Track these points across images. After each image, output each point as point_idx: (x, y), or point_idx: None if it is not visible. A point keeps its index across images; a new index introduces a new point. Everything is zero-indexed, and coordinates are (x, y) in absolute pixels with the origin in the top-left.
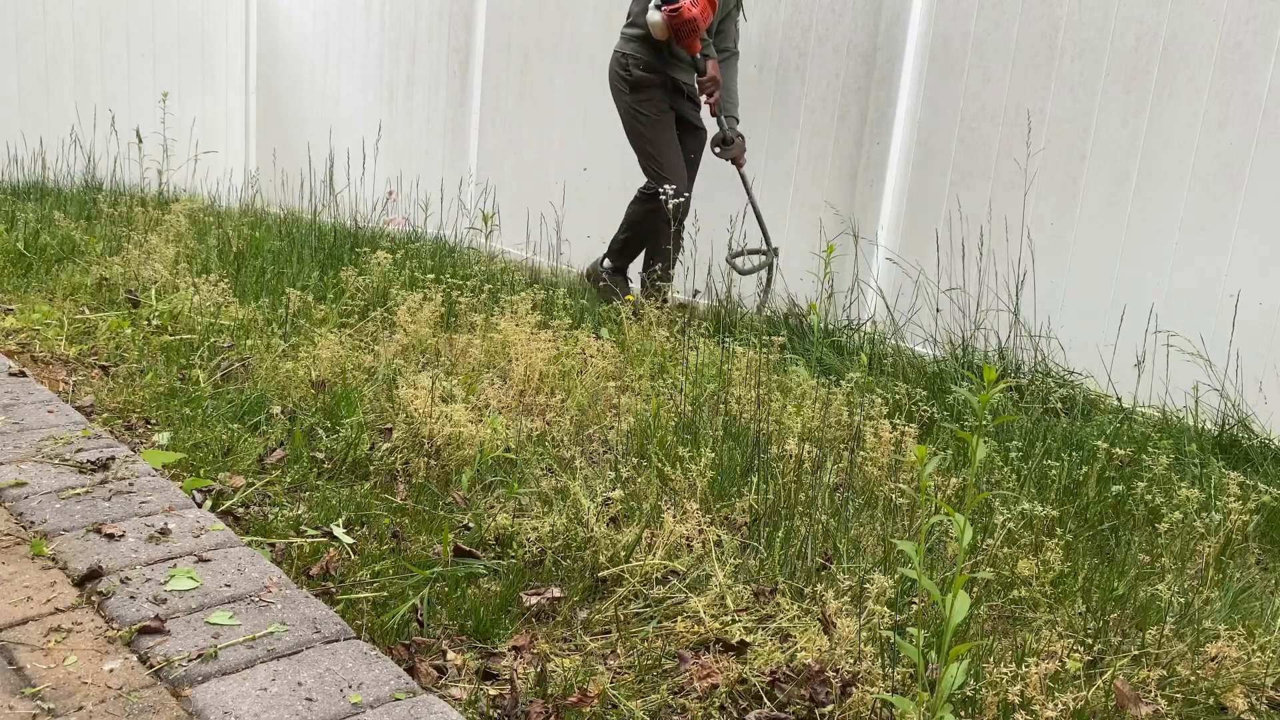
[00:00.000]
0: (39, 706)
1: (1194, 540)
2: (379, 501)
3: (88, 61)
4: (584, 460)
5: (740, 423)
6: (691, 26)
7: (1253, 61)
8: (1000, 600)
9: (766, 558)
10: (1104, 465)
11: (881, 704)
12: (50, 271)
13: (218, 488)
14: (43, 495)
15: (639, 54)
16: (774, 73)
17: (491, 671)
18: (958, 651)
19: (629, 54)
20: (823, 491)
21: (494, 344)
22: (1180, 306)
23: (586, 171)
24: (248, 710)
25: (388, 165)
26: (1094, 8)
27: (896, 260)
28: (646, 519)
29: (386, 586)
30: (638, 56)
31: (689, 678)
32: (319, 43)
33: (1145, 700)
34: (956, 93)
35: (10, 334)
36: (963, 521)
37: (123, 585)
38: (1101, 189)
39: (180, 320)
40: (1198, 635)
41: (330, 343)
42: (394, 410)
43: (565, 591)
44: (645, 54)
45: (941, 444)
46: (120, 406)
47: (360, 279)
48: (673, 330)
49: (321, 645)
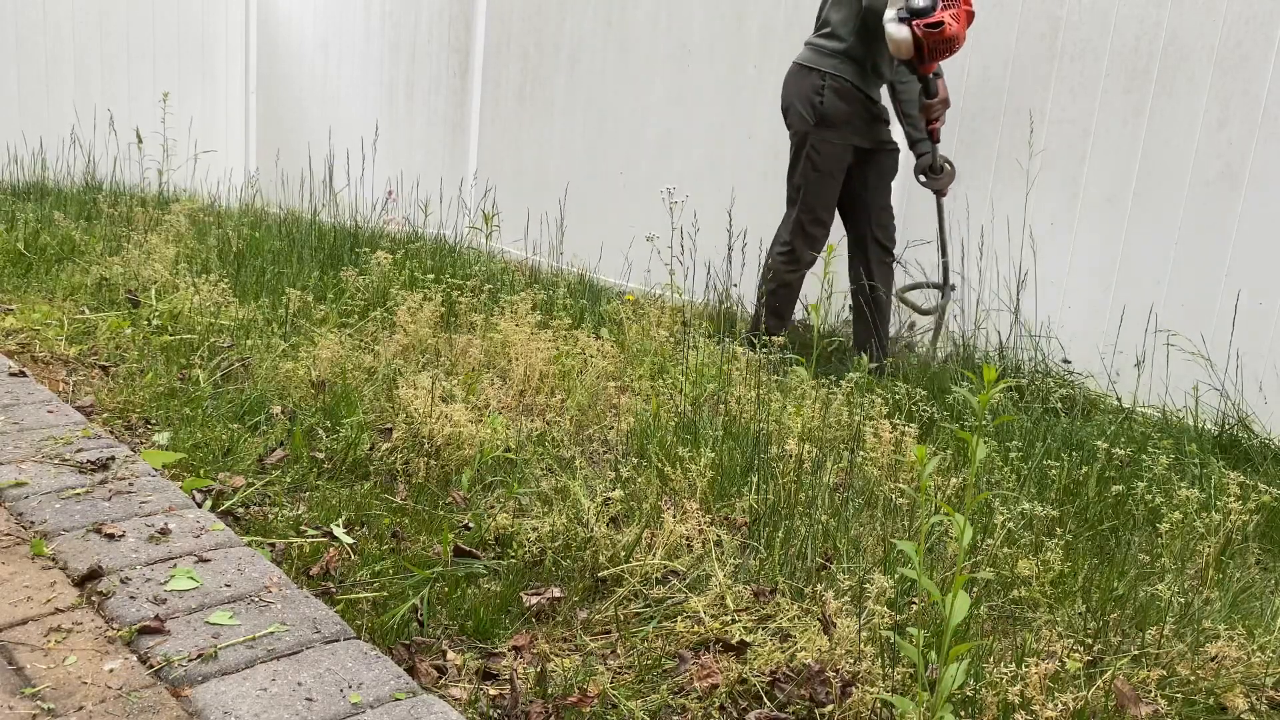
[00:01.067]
0: (39, 706)
1: (1194, 540)
2: (379, 501)
3: (88, 61)
4: (584, 460)
5: (740, 423)
6: (950, 47)
7: (1253, 61)
8: (1000, 600)
9: (766, 558)
10: (1104, 465)
11: (881, 704)
12: (50, 271)
13: (218, 488)
14: (43, 495)
15: (840, 74)
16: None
17: (491, 671)
18: (958, 651)
19: (827, 74)
20: (823, 491)
21: (494, 344)
22: (1180, 306)
23: (585, 173)
24: (248, 710)
25: (388, 165)
26: (1094, 8)
27: (900, 262)
28: (646, 519)
29: (386, 586)
30: (838, 78)
31: (689, 678)
32: (319, 43)
33: (1145, 700)
34: (956, 92)
35: (10, 334)
36: (963, 521)
37: (123, 585)
38: (1102, 189)
39: (180, 320)
40: (1198, 635)
41: (330, 343)
42: (394, 410)
43: (565, 591)
44: (848, 74)
45: (941, 444)
46: (120, 406)
47: (360, 279)
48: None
49: (321, 645)
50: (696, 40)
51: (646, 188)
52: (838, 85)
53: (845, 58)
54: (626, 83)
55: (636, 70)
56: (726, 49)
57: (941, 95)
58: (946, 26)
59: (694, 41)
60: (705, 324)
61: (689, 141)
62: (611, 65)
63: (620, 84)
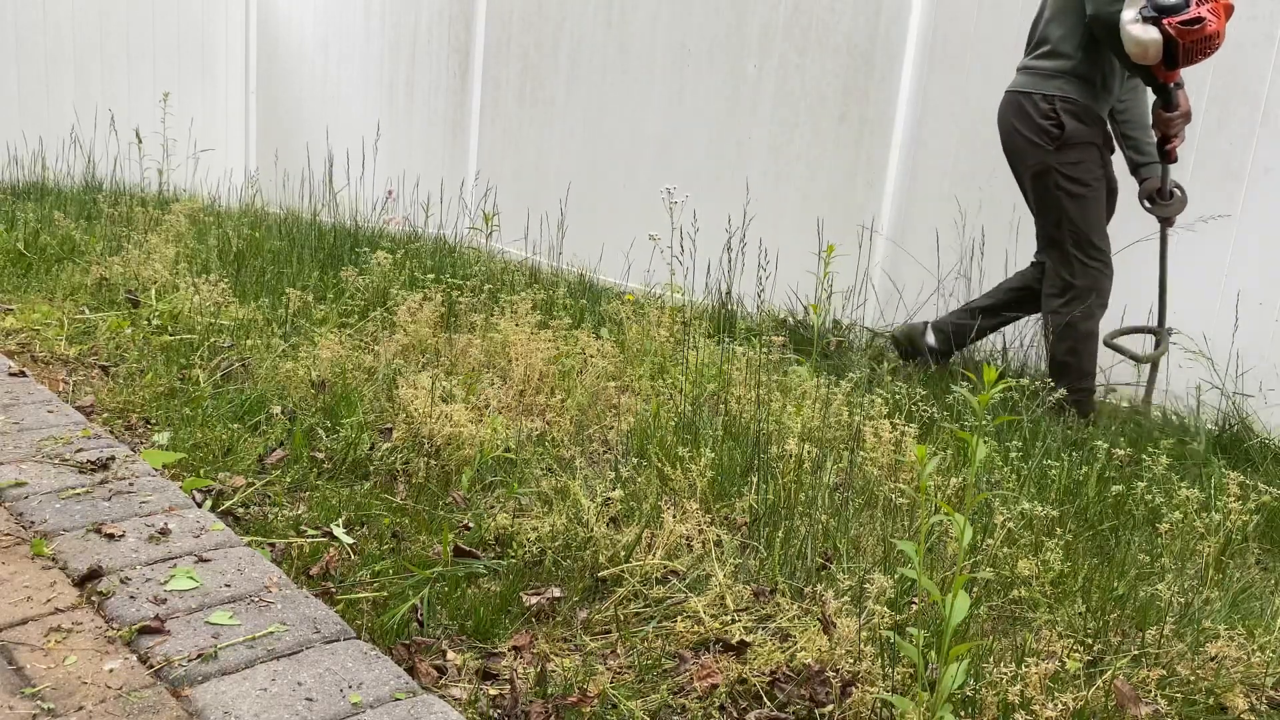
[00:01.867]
0: (39, 706)
1: (1194, 540)
2: (379, 501)
3: (88, 61)
4: (584, 460)
5: (740, 423)
6: (1209, 46)
7: (1253, 61)
8: (1000, 600)
9: (766, 558)
10: (1104, 465)
11: (881, 704)
12: (50, 271)
13: (218, 488)
14: (43, 495)
15: (1072, 96)
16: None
17: (491, 671)
18: (958, 651)
19: (1056, 97)
20: (823, 491)
21: (494, 344)
22: (1181, 306)
23: (585, 173)
24: (248, 710)
25: (388, 165)
26: None
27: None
28: (646, 519)
29: (386, 586)
30: (1070, 99)
31: (689, 678)
32: (319, 43)
33: (1145, 700)
34: (956, 92)
35: (10, 334)
36: (963, 521)
37: (123, 585)
38: None
39: (180, 320)
40: (1198, 635)
41: (330, 343)
42: (394, 410)
43: (565, 591)
44: (1077, 94)
45: (941, 444)
46: (120, 406)
47: (360, 279)
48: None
49: (321, 645)
50: (696, 40)
51: (646, 187)
52: (1070, 107)
53: (1072, 77)
54: (626, 83)
55: (636, 70)
56: (726, 49)
57: (1183, 108)
58: (1207, 23)
59: (694, 41)
60: (705, 324)
61: (689, 141)
62: (611, 65)
63: (620, 84)
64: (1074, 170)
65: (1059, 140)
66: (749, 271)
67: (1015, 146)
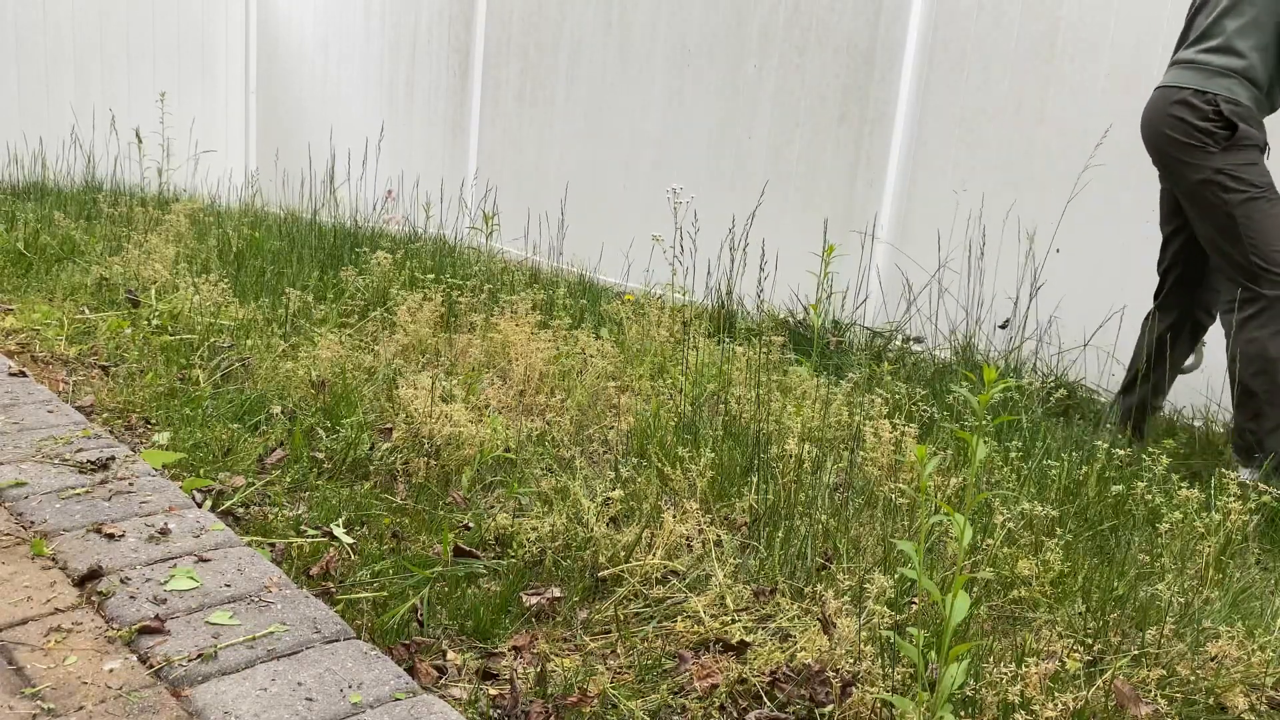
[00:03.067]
0: (39, 706)
1: (1194, 540)
2: (379, 501)
3: (88, 62)
4: (584, 460)
5: (740, 423)
6: None
7: None
8: (1000, 600)
9: (766, 558)
10: (1104, 465)
11: (881, 704)
12: (50, 271)
13: (218, 488)
14: (43, 495)
15: (1236, 96)
16: (774, 72)
17: (491, 671)
18: (958, 651)
19: (1220, 96)
20: (823, 491)
21: (494, 344)
22: None
23: (585, 173)
24: (248, 710)
25: (388, 165)
26: (1094, 7)
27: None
28: (646, 519)
29: (386, 586)
30: (1235, 101)
31: (689, 678)
32: (319, 43)
33: (1145, 700)
34: (956, 92)
35: (10, 334)
36: (963, 521)
37: (123, 585)
38: (1101, 189)
39: (180, 320)
40: (1198, 635)
41: (330, 343)
42: (394, 410)
43: (565, 591)
44: (1245, 96)
45: (941, 444)
46: (120, 406)
47: (360, 279)
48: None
49: (321, 645)
50: (696, 40)
51: (646, 187)
52: (1235, 109)
53: (1242, 79)
54: (626, 83)
55: (636, 70)
56: (726, 49)
57: None
58: None
59: (694, 41)
60: (705, 323)
61: (689, 141)
62: (611, 65)
63: (620, 84)
64: (1246, 172)
65: (1226, 142)
66: (749, 271)
67: (1167, 155)
